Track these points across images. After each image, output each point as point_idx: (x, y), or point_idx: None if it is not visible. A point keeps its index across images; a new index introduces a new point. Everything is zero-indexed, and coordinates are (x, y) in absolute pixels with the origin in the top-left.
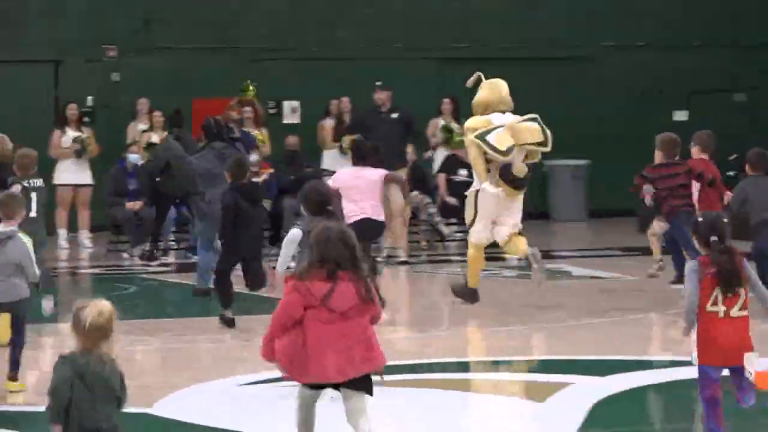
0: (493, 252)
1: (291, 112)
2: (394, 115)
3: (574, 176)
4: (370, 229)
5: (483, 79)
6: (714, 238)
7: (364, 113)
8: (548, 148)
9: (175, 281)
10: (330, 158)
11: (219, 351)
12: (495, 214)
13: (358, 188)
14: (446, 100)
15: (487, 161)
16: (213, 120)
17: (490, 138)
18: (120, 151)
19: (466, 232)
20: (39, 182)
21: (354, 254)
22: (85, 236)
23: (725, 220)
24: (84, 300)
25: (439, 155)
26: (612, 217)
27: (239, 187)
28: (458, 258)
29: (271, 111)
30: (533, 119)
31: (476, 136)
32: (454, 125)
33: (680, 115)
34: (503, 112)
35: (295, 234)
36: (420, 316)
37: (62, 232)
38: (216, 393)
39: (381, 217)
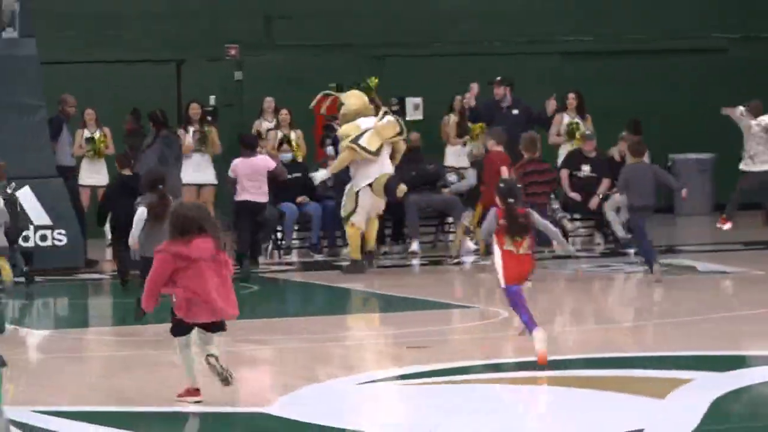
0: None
1: (414, 108)
2: (515, 111)
3: (699, 170)
4: (251, 209)
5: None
6: (511, 200)
7: (484, 106)
8: (404, 136)
9: (298, 280)
10: (453, 154)
11: (336, 350)
12: (369, 209)
13: (247, 175)
14: (571, 95)
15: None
16: (159, 110)
17: (362, 141)
18: None
19: (590, 227)
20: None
21: (202, 220)
22: None
23: (519, 186)
24: None
25: (563, 150)
26: (738, 210)
27: (120, 177)
28: (583, 254)
29: (394, 108)
30: (386, 114)
31: (351, 141)
32: (578, 121)
33: None
34: (366, 116)
35: (141, 212)
36: (541, 314)
37: None
38: (334, 392)
39: (263, 200)
